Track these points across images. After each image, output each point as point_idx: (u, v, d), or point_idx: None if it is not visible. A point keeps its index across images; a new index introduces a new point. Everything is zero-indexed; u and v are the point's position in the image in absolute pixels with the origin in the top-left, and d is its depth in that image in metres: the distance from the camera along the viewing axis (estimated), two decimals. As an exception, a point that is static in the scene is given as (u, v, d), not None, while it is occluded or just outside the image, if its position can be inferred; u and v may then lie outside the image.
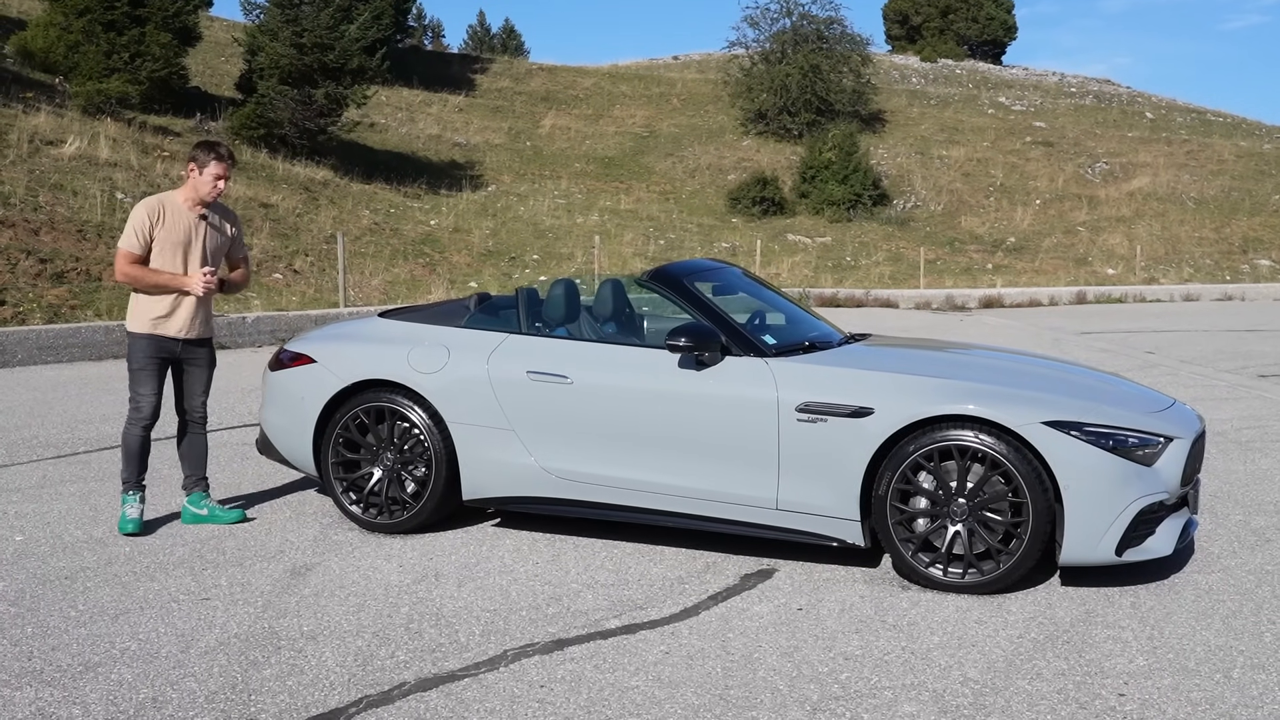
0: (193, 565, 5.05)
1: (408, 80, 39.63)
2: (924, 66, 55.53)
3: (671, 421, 5.17)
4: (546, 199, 31.86)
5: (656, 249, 28.21)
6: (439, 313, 5.98)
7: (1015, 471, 4.67)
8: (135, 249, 5.52)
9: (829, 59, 41.53)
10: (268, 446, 6.03)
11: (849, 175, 35.24)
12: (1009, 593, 4.76)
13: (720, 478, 5.11)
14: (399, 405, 5.55)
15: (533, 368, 5.40)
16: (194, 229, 5.64)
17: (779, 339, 5.46)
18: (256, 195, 22.21)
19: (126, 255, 5.54)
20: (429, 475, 5.52)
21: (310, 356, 5.81)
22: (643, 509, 5.26)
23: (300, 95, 26.40)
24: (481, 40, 68.82)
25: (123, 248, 5.55)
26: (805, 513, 5.00)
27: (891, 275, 29.37)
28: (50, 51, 24.68)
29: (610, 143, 40.32)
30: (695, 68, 54.20)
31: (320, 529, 5.67)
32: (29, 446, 7.54)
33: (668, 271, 5.65)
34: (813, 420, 4.94)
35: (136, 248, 5.52)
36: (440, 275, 21.99)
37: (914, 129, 43.44)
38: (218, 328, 13.68)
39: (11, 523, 5.69)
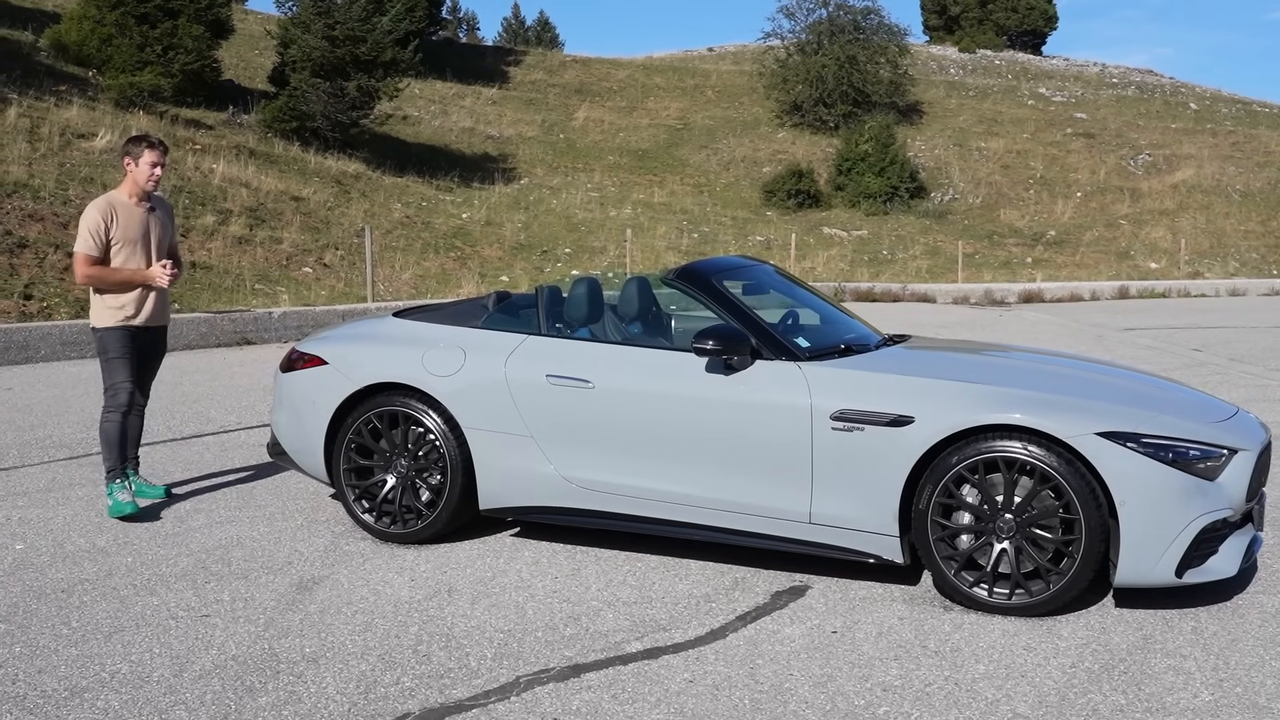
0: (195, 578, 4.81)
1: (441, 73, 39.48)
2: (962, 57, 54.79)
3: (698, 429, 4.88)
4: (579, 192, 31.60)
5: (690, 242, 27.89)
6: (456, 312, 5.72)
7: (1067, 486, 4.35)
8: (93, 250, 5.66)
9: (866, 50, 41.02)
10: (279, 450, 5.80)
11: (886, 167, 34.78)
12: (1059, 615, 4.44)
13: (750, 489, 4.82)
14: (413, 410, 5.29)
15: (553, 371, 5.13)
16: (145, 222, 5.81)
17: (813, 341, 5.15)
18: (288, 188, 22.09)
19: (85, 258, 5.67)
20: (444, 483, 5.26)
21: (322, 358, 5.56)
22: (668, 521, 4.98)
23: (332, 88, 26.27)
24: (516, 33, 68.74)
25: (80, 251, 5.68)
26: (840, 527, 4.70)
27: (929, 269, 28.93)
28: (84, 45, 24.65)
29: (644, 135, 40.01)
30: (730, 59, 53.75)
31: (331, 538, 5.43)
32: (42, 447, 7.36)
33: (695, 270, 5.35)
34: (849, 429, 4.64)
35: (94, 249, 5.66)
36: (471, 269, 21.78)
37: (952, 120, 42.84)
38: (244, 323, 13.53)
39: (14, 530, 5.49)
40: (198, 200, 18.90)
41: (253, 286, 16.59)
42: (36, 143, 18.24)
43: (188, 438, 7.79)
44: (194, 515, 5.80)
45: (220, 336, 13.28)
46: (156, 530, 5.52)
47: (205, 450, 7.41)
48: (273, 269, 17.80)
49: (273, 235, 19.13)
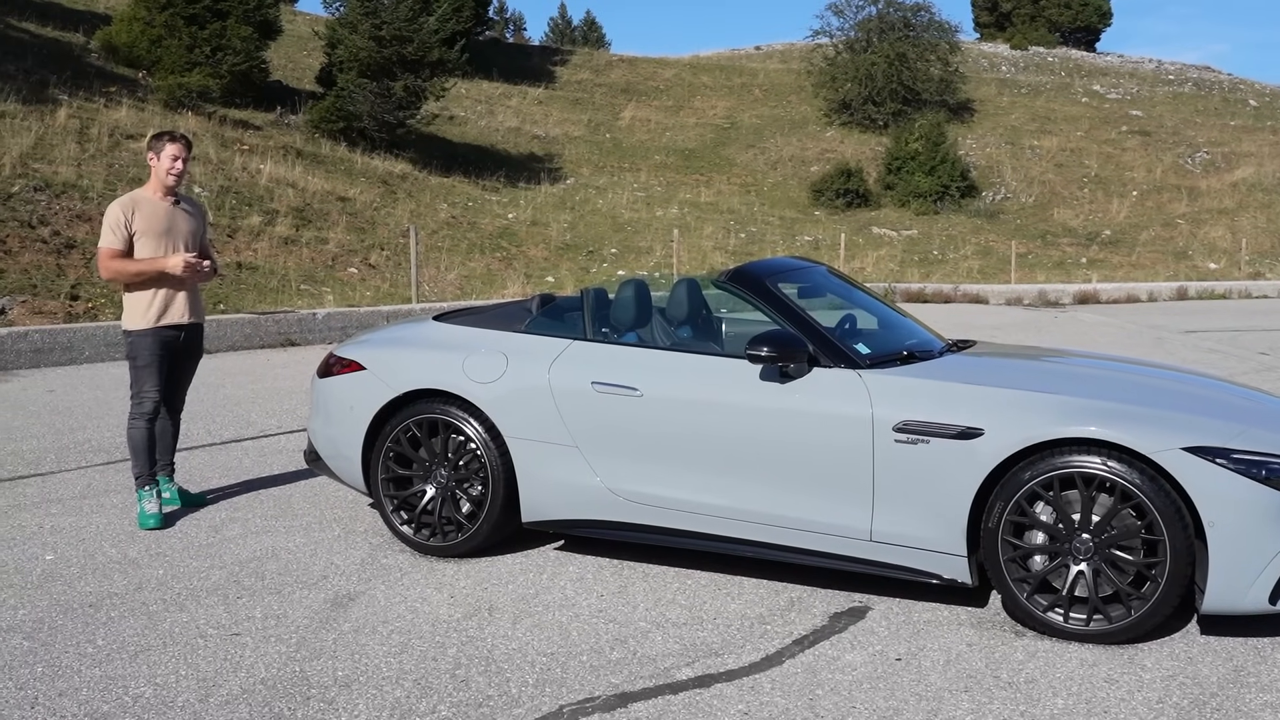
0: (227, 593, 4.62)
1: (487, 73, 39.42)
2: (1014, 54, 53.98)
3: (752, 440, 4.62)
4: (625, 191, 31.38)
5: (737, 242, 27.59)
6: (497, 316, 5.49)
7: (1150, 504, 4.05)
8: (116, 245, 5.55)
9: (916, 47, 40.47)
10: (315, 458, 5.61)
11: (936, 166, 34.26)
12: (1141, 644, 4.14)
13: (806, 505, 4.55)
14: (453, 417, 5.07)
15: (598, 378, 4.89)
16: (170, 216, 5.68)
17: (873, 348, 4.87)
18: (334, 189, 22.06)
19: (107, 253, 5.57)
20: (485, 494, 5.04)
21: (360, 363, 5.36)
22: (719, 537, 4.73)
23: (379, 88, 26.23)
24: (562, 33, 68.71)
25: (103, 246, 5.58)
26: (903, 545, 4.43)
27: (980, 269, 28.41)
28: (134, 46, 24.78)
29: (690, 134, 39.72)
30: (778, 58, 53.31)
31: (369, 550, 5.23)
32: (79, 451, 7.24)
33: (748, 272, 5.09)
34: (913, 441, 4.36)
35: (117, 243, 5.55)
36: (517, 269, 21.63)
37: (1004, 118, 42.16)
38: (288, 324, 13.43)
39: (46, 539, 5.33)
40: (244, 201, 18.89)
41: (298, 287, 16.51)
42: (86, 143, 18.31)
43: (227, 442, 7.64)
44: (229, 524, 5.63)
45: (264, 337, 13.19)
46: (190, 540, 5.35)
47: (244, 455, 7.25)
48: (318, 269, 17.73)
49: (319, 236, 19.08)
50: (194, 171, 18.95)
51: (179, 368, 5.87)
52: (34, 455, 7.09)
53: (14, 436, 7.64)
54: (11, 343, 10.80)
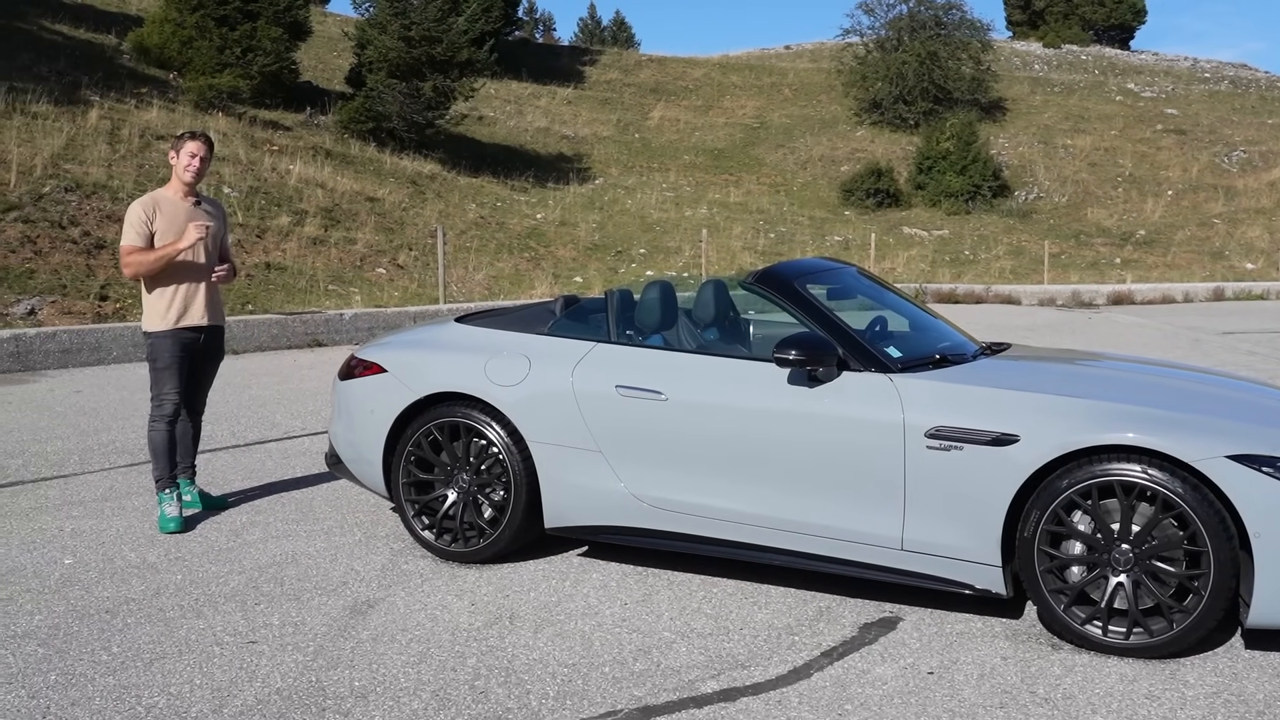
0: (245, 599, 4.55)
1: (516, 73, 39.42)
2: (1047, 53, 53.49)
3: (779, 446, 4.51)
4: (654, 191, 31.27)
5: (766, 243, 27.43)
6: (520, 318, 5.40)
7: (1192, 514, 3.90)
8: (137, 242, 5.52)
9: (947, 46, 40.16)
10: (336, 461, 5.54)
11: (968, 166, 33.96)
12: (1183, 659, 3.99)
13: (836, 512, 4.43)
14: (475, 421, 4.98)
15: (622, 381, 4.78)
16: (190, 216, 5.63)
17: (905, 351, 4.73)
18: (363, 189, 22.08)
19: (129, 249, 5.53)
20: (507, 500, 4.95)
21: (381, 365, 5.28)
22: (746, 544, 4.61)
23: (408, 88, 26.26)
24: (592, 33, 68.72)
25: (125, 244, 5.55)
26: (935, 555, 4.30)
27: (1012, 270, 28.12)
28: (165, 47, 24.93)
29: (720, 134, 39.57)
30: (808, 57, 53.06)
31: (390, 556, 5.15)
32: (104, 453, 7.20)
33: (776, 273, 4.98)
34: (945, 448, 4.23)
35: (139, 241, 5.52)
36: (545, 270, 21.56)
37: (1037, 117, 41.75)
38: (314, 324, 13.41)
39: (65, 542, 5.29)
40: (273, 201, 18.91)
41: (326, 287, 16.50)
42: (116, 144, 18.39)
43: (251, 444, 7.59)
44: (250, 528, 5.57)
45: (291, 338, 13.17)
46: (210, 545, 5.28)
47: (267, 457, 7.20)
48: (346, 270, 17.72)
49: (347, 236, 19.08)
50: (224, 172, 19.00)
51: (199, 370, 5.82)
52: (58, 457, 7.07)
53: (39, 438, 7.62)
54: (39, 343, 10.82)
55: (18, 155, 15.75)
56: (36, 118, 18.00)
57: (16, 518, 5.68)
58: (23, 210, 14.67)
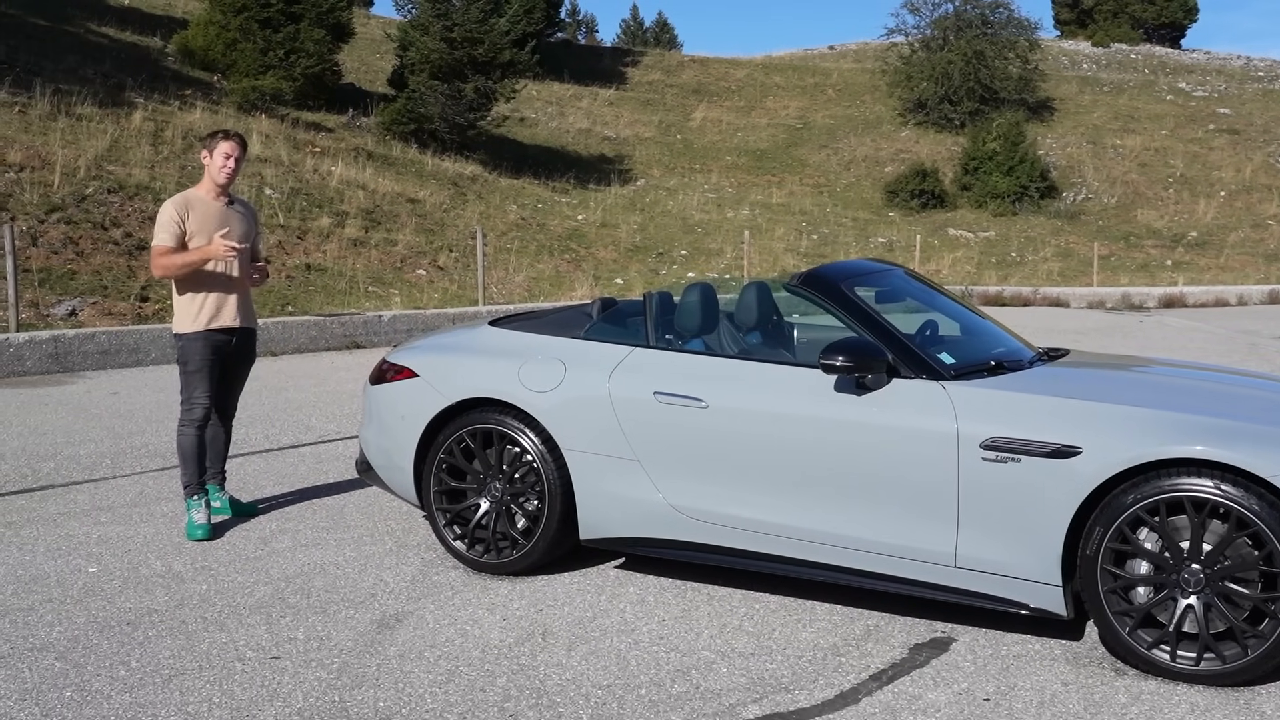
0: (270, 611, 4.40)
1: (558, 74, 39.34)
2: (1096, 52, 52.70)
3: (826, 456, 4.30)
4: (696, 193, 31.05)
5: (809, 244, 27.14)
6: (556, 321, 5.22)
7: (1269, 533, 3.65)
8: (169, 242, 5.39)
9: (994, 45, 39.59)
10: (366, 467, 5.38)
11: (1015, 166, 33.42)
12: (1259, 687, 3.74)
13: (885, 526, 4.21)
14: (508, 428, 4.81)
15: (661, 388, 4.59)
16: (222, 218, 5.50)
17: (958, 357, 4.50)
18: (404, 190, 22.04)
19: (161, 249, 5.40)
20: (541, 510, 4.77)
21: (412, 369, 5.12)
22: (789, 559, 4.41)
23: (450, 90, 26.21)
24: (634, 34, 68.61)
25: (157, 245, 5.42)
26: (991, 573, 4.07)
27: (1060, 272, 27.63)
28: (209, 49, 25.06)
29: (762, 135, 39.28)
30: (852, 57, 52.61)
31: (420, 566, 4.98)
32: (136, 456, 7.11)
33: (822, 275, 4.76)
34: (1002, 459, 4.00)
35: (170, 241, 5.39)
36: (585, 271, 21.42)
37: (1085, 117, 41.10)
38: (353, 326, 13.33)
39: (91, 550, 5.17)
40: (314, 202, 18.90)
41: (366, 289, 16.45)
42: (160, 146, 18.45)
43: (285, 448, 7.47)
44: (279, 536, 5.43)
45: (329, 340, 13.10)
46: (238, 553, 5.15)
47: (300, 462, 7.08)
48: (386, 271, 17.66)
49: (388, 237, 19.03)
50: (265, 173, 19.02)
51: (231, 373, 5.69)
52: (90, 460, 6.98)
53: (73, 440, 7.55)
54: (78, 344, 10.80)
55: (61, 157, 15.81)
56: (81, 119, 18.10)
57: (44, 523, 5.58)
58: (65, 211, 14.71)
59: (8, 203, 14.25)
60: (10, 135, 16.31)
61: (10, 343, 10.34)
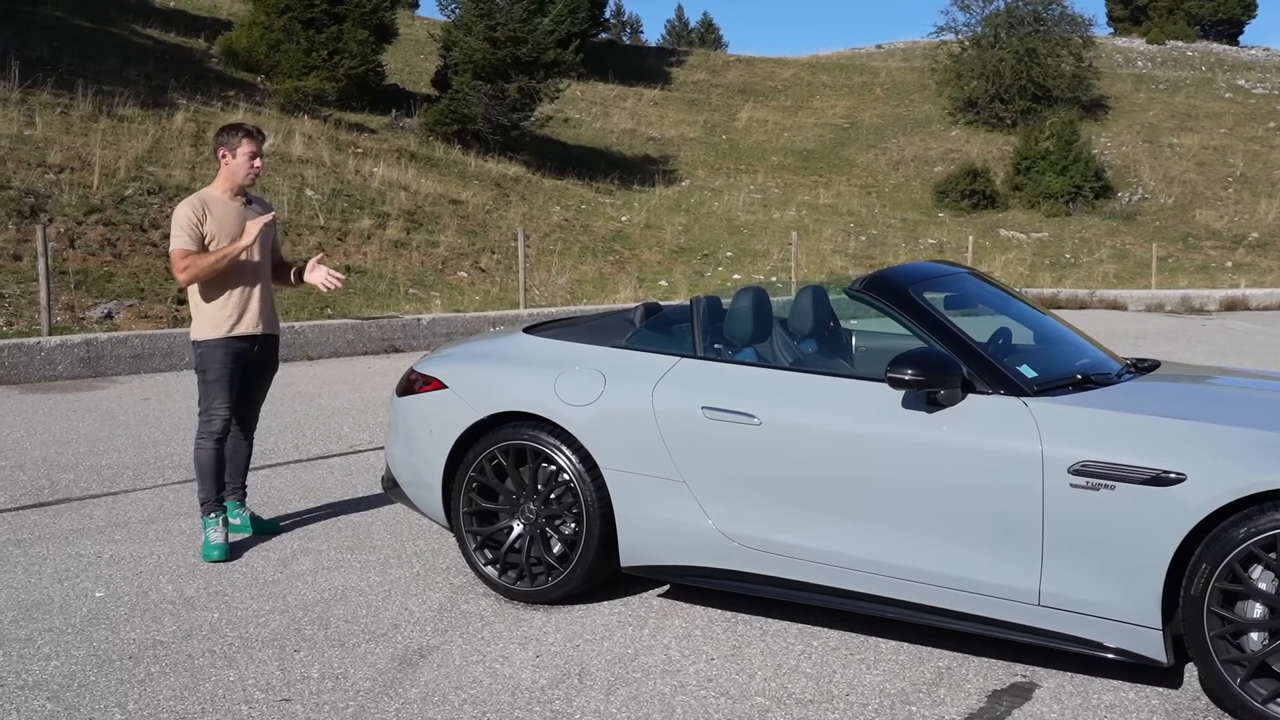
0: (284, 644, 4.05)
1: (603, 75, 39.04)
2: (1151, 49, 51.60)
3: (891, 480, 3.88)
4: (742, 194, 30.59)
5: (857, 245, 26.61)
6: (595, 329, 4.84)
7: (1407, 575, 3.19)
8: (189, 245, 5.05)
9: (1046, 42, 38.81)
10: (393, 485, 5.03)
11: (1068, 166, 32.72)
12: (1393, 750, 3.28)
13: (958, 558, 3.79)
14: (543, 445, 4.43)
15: (710, 402, 4.19)
16: (241, 219, 5.16)
17: (1040, 370, 4.06)
18: (446, 191, 21.78)
19: (180, 253, 5.06)
20: (579, 534, 4.39)
21: (441, 380, 4.76)
22: (851, 593, 3.99)
23: (493, 90, 25.95)
24: (679, 35, 68.26)
25: (176, 249, 5.08)
26: (1079, 612, 3.64)
27: (1116, 274, 26.91)
28: (253, 51, 24.96)
29: (809, 135, 38.73)
30: (900, 56, 51.87)
31: (449, 593, 4.62)
32: (159, 467, 6.81)
33: (887, 278, 4.34)
34: (1093, 486, 3.57)
35: (190, 244, 5.05)
36: (629, 273, 21.03)
37: (1141, 115, 40.18)
38: (391, 329, 13.03)
39: (101, 571, 4.85)
40: (355, 204, 18.67)
41: (406, 291, 16.17)
42: (201, 147, 18.27)
43: (314, 459, 7.15)
44: (300, 557, 5.08)
45: (367, 343, 12.81)
46: (254, 576, 4.81)
47: (329, 474, 6.75)
48: (427, 273, 17.38)
49: (429, 239, 18.76)
50: (306, 174, 18.82)
51: (252, 382, 5.37)
52: (111, 471, 6.69)
53: (96, 449, 7.27)
54: (111, 348, 10.57)
55: (101, 158, 15.66)
56: (122, 121, 17.98)
57: (55, 541, 5.28)
58: (104, 213, 14.55)
59: (47, 204, 14.11)
60: (52, 136, 16.19)
61: (41, 347, 10.13)
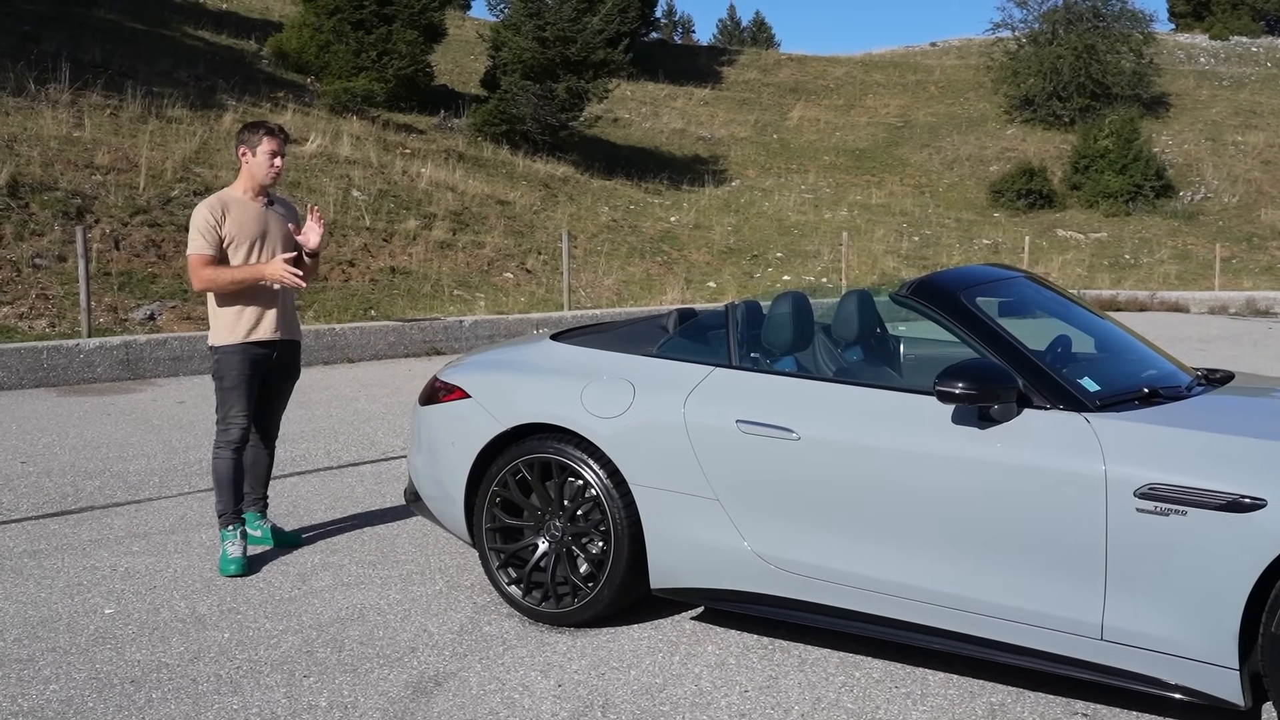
0: (294, 669, 3.84)
1: (653, 75, 38.79)
2: (1214, 45, 50.42)
3: (940, 501, 3.59)
4: (792, 193, 30.21)
5: (910, 246, 26.14)
6: (625, 335, 4.59)
7: None
8: (207, 250, 4.84)
9: (1106, 39, 37.98)
10: (415, 498, 4.81)
11: (1128, 164, 31.95)
12: None
13: (1013, 587, 3.50)
14: (569, 458, 4.19)
15: (745, 415, 3.93)
16: (262, 220, 4.96)
17: (1102, 382, 3.75)
18: (494, 192, 21.65)
19: (199, 260, 4.85)
20: (606, 553, 4.14)
21: (464, 389, 4.53)
22: (897, 622, 3.71)
23: (542, 90, 25.79)
24: (731, 34, 67.87)
25: (194, 253, 4.87)
26: (1146, 648, 3.33)
27: (1178, 275, 26.22)
28: (303, 52, 25.00)
29: (861, 134, 38.23)
30: (955, 54, 51.12)
31: (471, 613, 4.39)
32: (186, 474, 6.67)
33: (937, 283, 4.04)
34: (1162, 511, 3.26)
35: (209, 249, 4.84)
36: (677, 274, 20.77)
37: (1203, 113, 39.22)
38: (433, 332, 12.88)
39: (113, 586, 4.68)
40: (402, 205, 18.57)
41: (451, 293, 16.03)
42: (248, 148, 18.27)
43: (344, 466, 6.98)
44: (320, 572, 4.89)
45: (408, 346, 12.66)
46: (271, 593, 4.61)
47: (359, 482, 6.56)
48: (473, 274, 17.24)
49: (475, 240, 18.62)
50: (353, 175, 18.75)
51: (273, 389, 5.19)
52: (138, 478, 6.55)
53: (125, 455, 7.15)
54: (150, 350, 10.50)
55: (148, 159, 15.67)
56: (171, 122, 18.01)
57: (72, 552, 5.12)
58: (150, 214, 14.54)
59: (93, 205, 14.12)
60: (100, 138, 16.24)
61: (80, 349, 10.08)
